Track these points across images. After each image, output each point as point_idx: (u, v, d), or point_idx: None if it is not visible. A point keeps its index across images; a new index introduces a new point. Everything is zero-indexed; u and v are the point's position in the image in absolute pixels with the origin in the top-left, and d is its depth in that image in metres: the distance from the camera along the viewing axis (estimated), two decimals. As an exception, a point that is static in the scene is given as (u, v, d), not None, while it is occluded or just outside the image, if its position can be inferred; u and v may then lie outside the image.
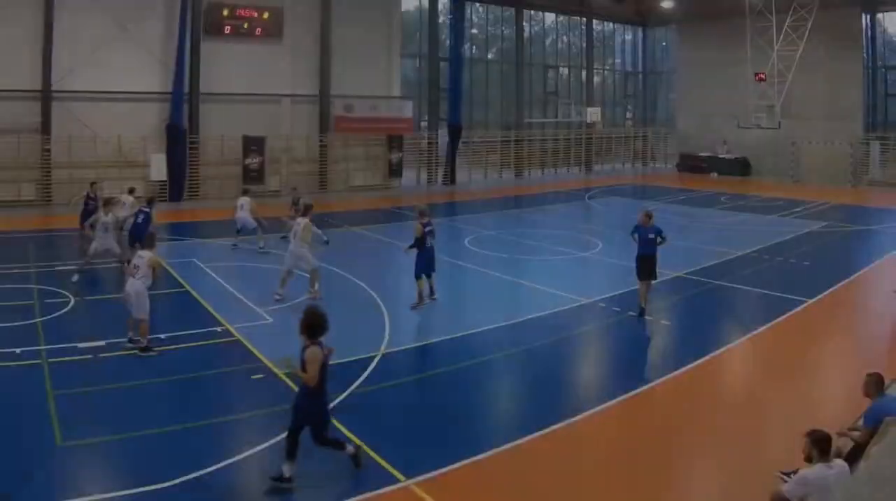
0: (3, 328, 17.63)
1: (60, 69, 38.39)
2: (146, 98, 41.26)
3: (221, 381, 15.32)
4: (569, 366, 17.27)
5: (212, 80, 42.93)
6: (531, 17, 62.31)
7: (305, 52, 46.71)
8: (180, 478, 10.86)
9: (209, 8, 42.75)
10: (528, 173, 60.24)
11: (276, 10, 44.99)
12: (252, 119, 44.32)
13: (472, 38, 59.77)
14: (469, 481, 11.42)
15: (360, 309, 20.72)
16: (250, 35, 44.40)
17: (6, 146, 36.95)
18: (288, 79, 46.14)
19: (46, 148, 38.35)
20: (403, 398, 14.88)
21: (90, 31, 38.84)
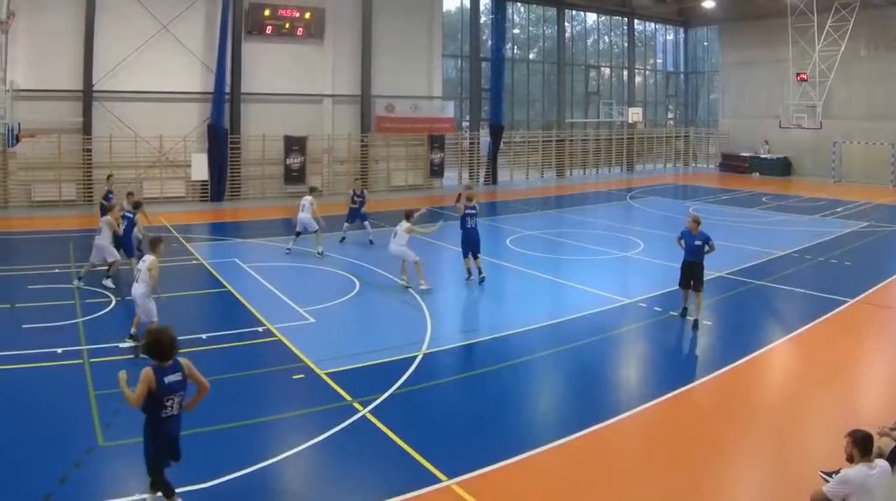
0: (45, 328, 17.37)
1: (102, 69, 37.69)
2: (187, 98, 40.44)
3: (262, 381, 15.00)
4: (610, 366, 16.78)
5: (253, 79, 42.13)
6: (573, 16, 60.93)
7: (347, 52, 45.61)
8: (221, 478, 10.69)
9: (251, 8, 41.87)
10: (569, 173, 58.97)
11: (318, 11, 43.99)
12: (293, 119, 43.48)
13: (514, 37, 58.15)
14: (511, 481, 11.08)
15: (401, 308, 20.43)
16: (292, 35, 43.45)
17: (48, 146, 36.24)
18: (329, 79, 45.20)
19: (87, 148, 37.67)
20: (445, 398, 14.49)
21: (131, 32, 38.19)
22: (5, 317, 18.53)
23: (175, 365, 9.51)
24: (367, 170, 46.87)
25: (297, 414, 13.37)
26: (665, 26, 68.33)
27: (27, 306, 19.47)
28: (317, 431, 12.16)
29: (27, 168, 36.48)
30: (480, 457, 11.43)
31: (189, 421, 11.78)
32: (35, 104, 34.70)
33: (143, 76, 38.61)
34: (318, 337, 17.53)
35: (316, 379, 14.62)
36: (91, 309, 19.25)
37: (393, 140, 48.24)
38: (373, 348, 16.36)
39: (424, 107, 48.97)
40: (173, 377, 9.38)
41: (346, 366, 15.32)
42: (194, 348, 15.92)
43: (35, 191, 36.78)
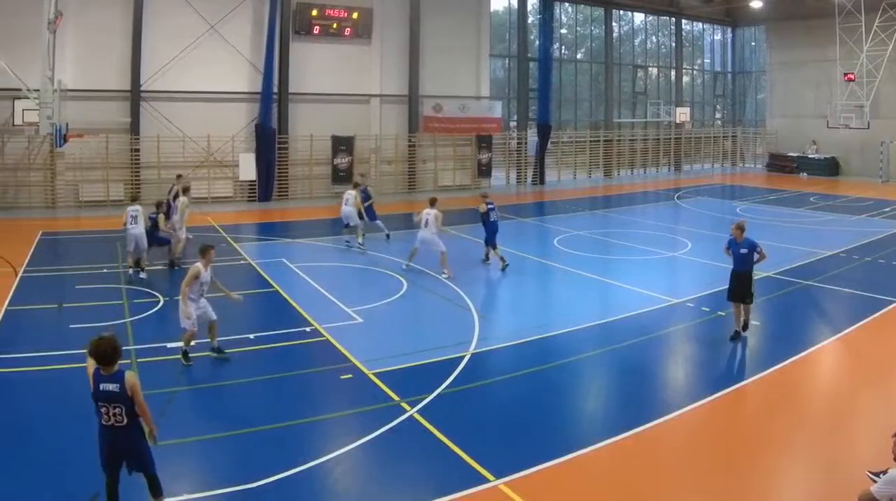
0: (93, 328, 16.30)
1: (149, 69, 36.90)
2: (235, 98, 39.51)
3: (310, 381, 14.78)
4: (657, 366, 16.24)
5: (301, 79, 41.17)
6: (620, 16, 59.23)
7: (394, 52, 44.46)
8: (270, 478, 10.49)
9: (298, 8, 40.82)
10: (617, 173, 57.20)
11: (366, 11, 42.82)
12: (341, 119, 42.39)
13: (562, 37, 56.97)
14: (558, 481, 10.82)
15: (449, 309, 19.95)
16: (339, 35, 42.37)
17: (95, 146, 35.46)
18: (377, 79, 44.05)
19: (135, 148, 36.88)
20: (493, 397, 14.08)
21: (179, 32, 37.45)
22: (53, 317, 18.26)
23: (117, 375, 8.90)
24: (415, 170, 45.83)
25: (345, 414, 13.11)
26: (712, 26, 66.15)
27: (75, 306, 19.12)
28: (364, 431, 12.00)
29: (75, 168, 35.78)
30: (528, 457, 11.20)
31: (238, 421, 12.13)
32: (83, 104, 33.69)
33: (190, 76, 37.83)
34: (365, 336, 17.25)
35: (364, 378, 14.37)
36: (139, 309, 18.92)
37: (440, 140, 46.97)
38: (420, 348, 16.09)
39: (472, 107, 47.67)
40: (110, 385, 8.84)
41: (393, 366, 15.02)
42: (242, 348, 16.01)
43: (82, 191, 36.04)
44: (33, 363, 14.99)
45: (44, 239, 28.42)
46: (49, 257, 25.72)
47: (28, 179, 35.42)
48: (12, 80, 26.15)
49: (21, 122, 32.05)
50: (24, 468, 10.80)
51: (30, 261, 24.33)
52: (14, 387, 14.12)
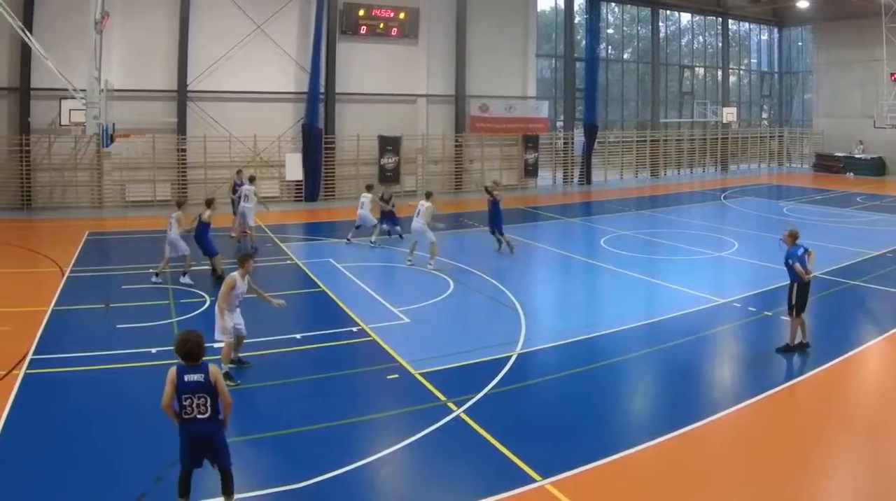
0: (140, 328, 16.79)
1: (196, 69, 35.96)
2: (281, 98, 38.41)
3: (357, 381, 14.38)
4: (704, 366, 15.73)
5: (347, 79, 39.97)
6: (667, 16, 57.23)
7: (441, 52, 43.07)
8: (316, 478, 10.21)
9: (345, 8, 39.57)
10: (663, 173, 55.26)
11: (412, 11, 41.49)
12: (388, 119, 41.16)
13: (608, 37, 55.17)
14: (605, 481, 10.52)
15: (495, 308, 19.38)
16: (386, 35, 41.10)
17: (142, 146, 34.53)
18: (423, 79, 42.69)
19: (182, 148, 35.94)
20: (539, 397, 13.70)
21: (225, 32, 36.46)
22: (100, 317, 17.88)
23: (201, 367, 9.13)
24: (462, 170, 44.41)
25: (392, 414, 12.80)
26: (759, 26, 63.69)
27: (121, 306, 18.70)
28: (411, 431, 11.70)
29: (121, 168, 34.98)
30: (574, 457, 10.89)
31: (285, 421, 11.97)
32: (129, 104, 32.70)
33: (237, 76, 36.84)
34: (412, 336, 16.79)
35: (410, 379, 14.01)
36: (185, 308, 18.51)
37: (487, 140, 45.47)
38: (467, 348, 15.63)
39: (519, 107, 46.12)
40: (195, 376, 9.03)
41: (440, 366, 14.60)
42: (289, 348, 15.65)
43: (129, 190, 35.19)
44: (80, 363, 14.59)
45: (90, 239, 27.84)
46: (95, 257, 25.13)
47: (75, 179, 34.62)
48: (59, 81, 25.33)
49: (68, 122, 30.88)
50: (71, 468, 10.48)
51: (76, 261, 23.75)
52: (61, 387, 13.68)
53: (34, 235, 29.58)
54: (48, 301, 18.89)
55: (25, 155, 33.53)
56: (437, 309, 19.22)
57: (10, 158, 33.61)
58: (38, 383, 13.62)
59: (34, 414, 12.30)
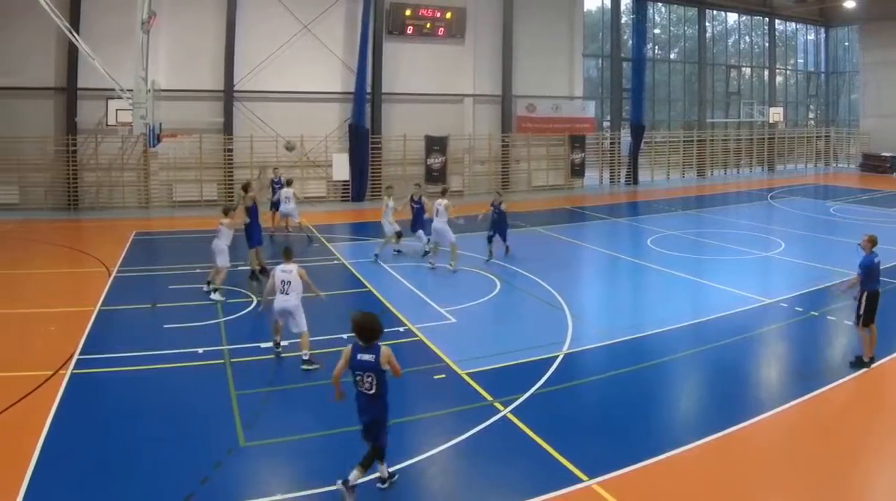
0: (187, 328, 16.39)
1: (243, 69, 34.78)
2: (328, 98, 37.06)
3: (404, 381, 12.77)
4: (751, 366, 15.09)
5: (394, 79, 38.56)
6: (713, 16, 55.06)
7: (488, 51, 41.38)
8: (364, 478, 9.67)
9: (392, 8, 38.11)
10: (710, 173, 53.09)
11: (459, 11, 39.87)
12: (434, 119, 39.68)
13: (655, 37, 53.22)
14: (652, 481, 10.13)
15: (542, 308, 18.71)
16: (433, 35, 39.56)
17: (189, 146, 33.43)
18: (470, 79, 41.02)
19: (229, 148, 34.74)
20: (586, 397, 13.37)
21: (272, 32, 35.37)
22: (147, 317, 17.42)
23: (374, 348, 9.51)
24: (508, 170, 42.65)
25: (439, 414, 12.46)
26: (805, 26, 61.22)
27: (168, 306, 18.25)
28: (458, 431, 11.43)
29: (168, 168, 33.94)
30: (621, 457, 10.57)
31: (332, 421, 11.37)
32: (176, 104, 31.36)
33: (283, 76, 35.64)
34: (459, 336, 16.27)
35: (457, 378, 13.66)
36: (232, 309, 18.01)
37: (534, 140, 43.69)
38: (514, 348, 15.16)
39: (565, 107, 44.25)
40: (366, 356, 9.45)
41: (487, 366, 14.21)
42: (336, 348, 14.18)
43: (176, 190, 34.09)
44: (127, 363, 14.21)
45: (137, 239, 27.16)
46: (142, 257, 24.47)
47: (122, 179, 33.66)
48: (106, 81, 24.42)
49: (115, 122, 30.06)
50: (118, 468, 10.20)
51: (123, 261, 23.15)
52: (108, 387, 13.34)
53: (81, 235, 28.99)
54: (95, 301, 18.36)
55: (72, 155, 32.60)
56: (483, 309, 18.60)
57: (56, 158, 32.71)
58: (85, 383, 13.23)
59: (80, 413, 11.91)
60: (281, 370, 14.16)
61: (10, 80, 31.41)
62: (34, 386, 12.82)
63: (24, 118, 31.95)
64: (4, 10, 30.95)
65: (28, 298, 19.16)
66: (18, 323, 16.95)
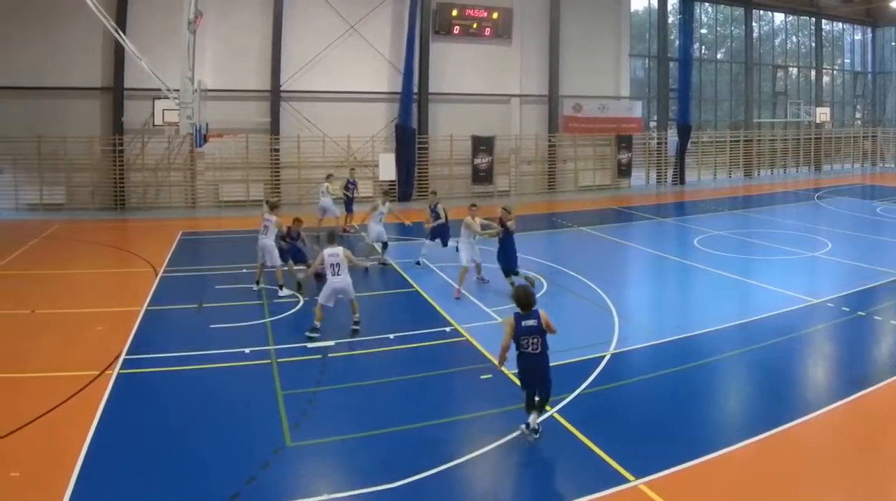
0: (233, 328, 15.83)
1: (289, 69, 33.37)
2: (375, 98, 35.51)
3: (450, 381, 13.55)
4: (798, 366, 14.43)
5: (440, 79, 36.91)
6: (760, 16, 52.55)
7: (534, 51, 39.53)
8: (409, 478, 9.49)
9: (438, 8, 36.41)
10: (756, 173, 50.75)
11: (506, 11, 38.07)
12: (481, 119, 37.98)
13: (702, 37, 50.70)
14: (699, 481, 9.68)
15: (589, 308, 18.06)
16: (479, 35, 37.78)
17: (235, 146, 32.17)
18: (517, 79, 39.17)
19: (275, 148, 33.30)
20: (633, 397, 12.67)
21: (319, 32, 34.02)
22: (193, 317, 16.85)
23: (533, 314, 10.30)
24: (555, 170, 40.74)
25: (485, 414, 11.83)
26: (852, 26, 58.31)
27: (215, 306, 17.63)
28: (504, 431, 10.86)
29: (214, 168, 32.61)
30: (668, 457, 10.03)
31: (378, 421, 11.16)
32: (223, 104, 30.12)
33: (330, 76, 34.17)
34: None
35: (503, 379, 12.55)
36: (278, 309, 17.42)
37: (580, 140, 41.66)
38: (560, 348, 13.29)
39: (612, 107, 42.22)
40: (530, 322, 10.25)
41: None
42: (382, 348, 14.78)
43: (222, 190, 32.74)
44: (173, 363, 13.77)
45: (184, 239, 26.28)
46: (189, 257, 23.59)
47: (168, 179, 32.43)
48: (152, 81, 23.38)
49: (161, 122, 28.80)
50: (164, 468, 9.83)
51: (169, 261, 22.37)
52: (154, 387, 12.91)
53: (128, 235, 28.00)
54: (142, 301, 17.77)
55: (119, 155, 31.41)
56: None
57: (103, 158, 31.54)
58: (131, 383, 12.84)
59: (127, 413, 11.53)
60: (327, 370, 13.54)
61: (57, 80, 30.39)
62: (81, 386, 12.36)
63: (71, 118, 30.89)
64: (52, 11, 29.92)
65: (75, 298, 18.51)
66: (66, 323, 16.35)
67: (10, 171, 31.02)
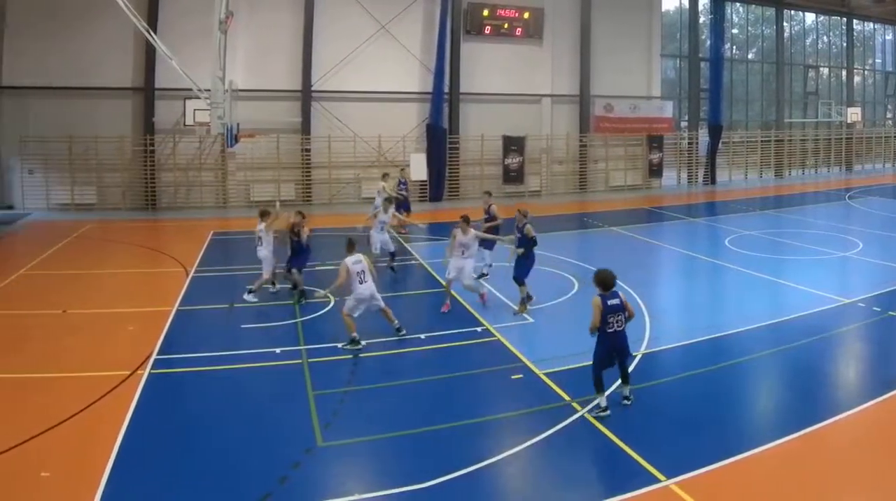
0: (264, 328, 15.57)
1: (320, 69, 32.38)
2: (405, 98, 34.35)
3: (482, 381, 13.07)
4: (829, 366, 14.02)
5: (471, 79, 35.72)
6: (791, 16, 50.79)
7: (566, 51, 38.17)
8: (440, 478, 9.25)
9: (470, 8, 35.21)
10: (787, 173, 49.07)
11: (537, 11, 36.78)
12: (512, 119, 36.77)
13: (733, 37, 48.98)
14: (730, 481, 9.35)
15: None
16: (510, 35, 36.58)
17: (266, 146, 31.27)
18: (548, 79, 37.84)
19: (306, 148, 32.27)
20: (664, 397, 12.23)
21: (350, 32, 33.01)
22: (224, 317, 16.49)
23: (614, 294, 11.03)
24: (586, 170, 39.37)
25: (516, 415, 11.61)
26: (884, 26, 56.33)
27: (246, 306, 17.24)
28: (535, 431, 10.71)
29: (245, 168, 31.65)
30: (699, 457, 9.85)
31: (409, 421, 10.96)
32: (254, 104, 29.26)
33: (361, 76, 33.12)
34: (536, 336, 15.40)
35: (535, 379, 12.83)
36: (309, 309, 16.95)
37: (611, 140, 40.33)
38: (591, 348, 12.89)
39: (643, 107, 40.89)
40: (614, 301, 10.99)
41: (564, 366, 13.28)
42: (414, 348, 14.44)
43: (253, 190, 31.73)
44: (204, 363, 13.49)
45: (215, 239, 25.65)
46: (220, 257, 23.09)
47: (199, 179, 31.56)
48: (183, 81, 22.61)
49: (192, 122, 28.10)
50: (195, 468, 9.59)
51: (200, 261, 21.92)
52: (185, 387, 12.72)
53: (159, 235, 27.30)
54: (173, 301, 17.44)
55: (150, 155, 30.56)
56: (561, 308, 17.36)
57: (134, 158, 30.68)
58: (162, 383, 12.62)
59: (158, 413, 11.36)
60: (358, 370, 13.28)
61: (88, 81, 29.63)
62: (112, 386, 12.14)
63: (103, 118, 30.13)
64: (83, 11, 29.18)
65: (106, 298, 18.09)
66: (97, 323, 15.97)
67: (41, 171, 30.27)
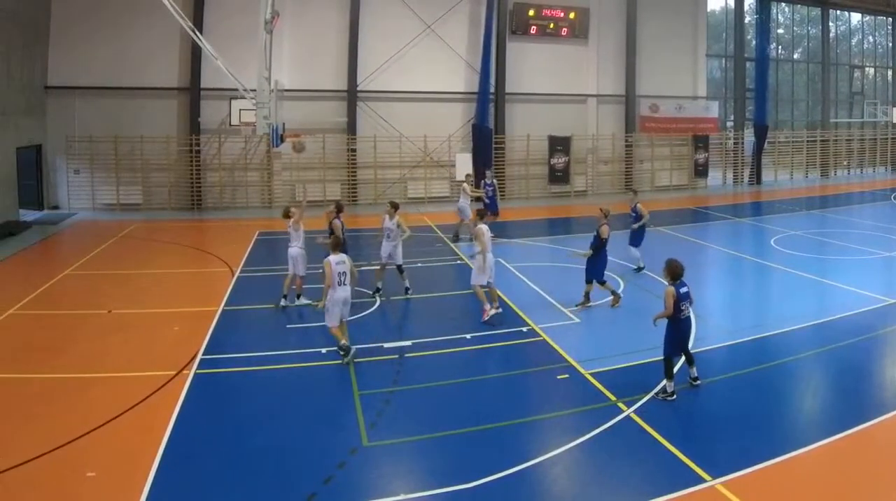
0: (309, 328, 14.93)
1: (366, 69, 30.56)
2: (451, 98, 32.34)
3: (527, 381, 12.53)
4: (874, 366, 13.18)
5: (517, 79, 33.67)
6: (837, 16, 47.58)
7: (611, 52, 35.93)
8: (486, 478, 8.85)
9: (515, 8, 33.07)
10: (833, 173, 46.13)
11: (582, 11, 34.48)
12: (557, 118, 34.62)
13: (778, 37, 45.95)
14: (776, 481, 8.87)
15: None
16: (556, 35, 34.37)
17: (312, 146, 29.17)
18: (593, 79, 35.57)
19: (352, 148, 30.42)
20: (709, 397, 11.61)
21: (395, 32, 31.25)
22: (270, 317, 15.91)
23: (684, 283, 10.96)
24: (632, 170, 37.09)
25: (562, 414, 11.07)
26: (929, 26, 54.04)
27: (290, 306, 16.50)
28: (581, 431, 10.17)
29: (291, 168, 29.93)
30: (745, 457, 9.23)
31: (455, 421, 10.50)
32: (299, 104, 27.82)
33: (406, 76, 31.27)
34: (582, 336, 14.72)
35: (580, 378, 12.25)
36: (354, 309, 15.33)
37: (657, 140, 37.97)
38: (637, 348, 13.44)
39: (689, 107, 38.30)
40: (684, 289, 10.92)
41: (610, 366, 12.75)
42: (459, 348, 13.73)
43: (299, 190, 30.01)
44: (250, 363, 12.98)
45: (260, 239, 24.50)
46: (265, 257, 21.97)
47: (245, 179, 29.87)
48: (229, 81, 21.11)
49: (238, 122, 25.91)
50: (240, 467, 9.17)
51: (246, 261, 21.07)
52: (231, 387, 12.14)
53: (204, 235, 25.98)
54: (218, 301, 16.82)
55: (196, 155, 28.87)
56: (607, 308, 16.58)
57: (180, 158, 29.03)
58: (208, 383, 12.16)
59: (204, 413, 10.89)
60: (403, 370, 12.76)
61: (134, 81, 28.15)
62: (158, 386, 11.75)
63: (148, 118, 28.60)
64: (130, 12, 27.68)
65: (152, 298, 17.43)
66: (142, 323, 15.42)
67: (87, 171, 28.86)
